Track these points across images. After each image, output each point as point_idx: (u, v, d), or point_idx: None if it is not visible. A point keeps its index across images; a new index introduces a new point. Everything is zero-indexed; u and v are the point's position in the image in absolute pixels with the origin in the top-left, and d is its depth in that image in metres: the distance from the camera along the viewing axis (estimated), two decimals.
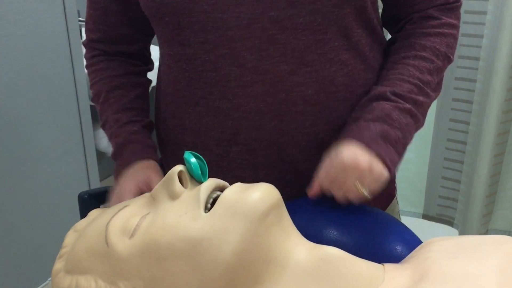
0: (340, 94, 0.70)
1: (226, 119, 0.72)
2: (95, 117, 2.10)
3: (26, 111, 1.55)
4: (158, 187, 0.54)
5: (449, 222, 2.02)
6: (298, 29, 0.66)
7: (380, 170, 0.64)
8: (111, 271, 0.51)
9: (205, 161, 0.54)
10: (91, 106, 1.87)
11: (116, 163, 0.80)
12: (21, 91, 1.52)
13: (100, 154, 2.34)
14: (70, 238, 0.57)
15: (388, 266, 0.51)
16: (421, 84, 0.70)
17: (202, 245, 0.47)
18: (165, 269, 0.48)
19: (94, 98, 0.86)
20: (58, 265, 0.56)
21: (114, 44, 0.85)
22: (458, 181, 1.93)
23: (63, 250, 0.57)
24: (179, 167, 0.53)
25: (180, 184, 0.52)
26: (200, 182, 0.53)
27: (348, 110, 0.71)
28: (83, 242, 0.54)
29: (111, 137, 0.82)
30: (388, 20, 0.79)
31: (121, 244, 0.51)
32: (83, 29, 2.32)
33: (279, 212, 0.50)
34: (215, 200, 0.51)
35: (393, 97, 0.68)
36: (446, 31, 0.73)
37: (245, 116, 0.71)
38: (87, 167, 1.83)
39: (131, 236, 0.51)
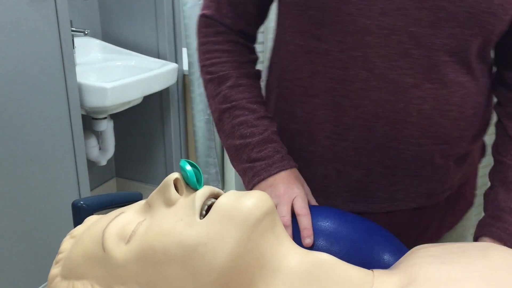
0: (452, 113, 0.74)
1: (343, 115, 0.75)
2: (86, 126, 2.11)
3: (17, 119, 1.55)
4: (154, 194, 0.55)
5: None
6: (432, 49, 0.70)
7: None
8: (108, 276, 0.52)
9: (200, 169, 0.56)
10: (82, 115, 1.88)
11: (250, 153, 0.78)
12: (13, 99, 1.52)
13: (90, 163, 2.34)
14: (66, 244, 0.58)
15: (378, 272, 0.53)
16: None
17: (197, 251, 0.48)
18: (161, 274, 0.49)
19: (216, 78, 0.83)
20: (55, 270, 0.56)
21: (239, 21, 0.85)
22: None
23: (59, 256, 0.57)
24: (174, 175, 0.54)
25: (175, 191, 0.54)
26: (195, 190, 0.55)
27: (455, 129, 0.76)
28: (80, 248, 0.55)
29: (241, 124, 0.80)
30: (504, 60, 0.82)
31: (118, 249, 0.52)
32: (76, 39, 2.33)
33: (272, 219, 0.52)
34: (210, 207, 0.53)
35: None
36: None
37: (361, 116, 0.74)
38: (77, 176, 1.84)
39: (128, 241, 0.52)
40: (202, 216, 0.52)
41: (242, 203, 0.50)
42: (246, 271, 0.49)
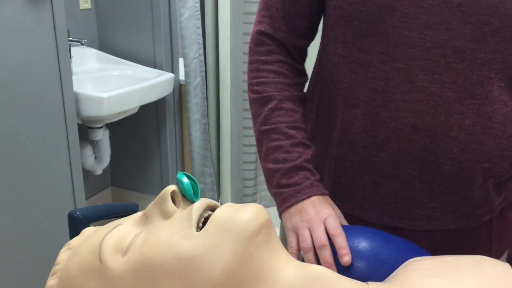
0: (494, 131, 0.74)
1: (381, 126, 0.76)
2: (82, 136, 2.11)
3: (13, 127, 1.55)
4: (151, 206, 0.55)
5: None
6: (476, 64, 0.70)
7: None
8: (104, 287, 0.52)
9: (197, 182, 0.56)
10: (78, 124, 1.88)
11: (280, 179, 0.79)
12: (9, 108, 1.53)
13: (86, 172, 2.34)
14: (63, 255, 0.58)
15: (372, 285, 0.53)
16: None
17: (194, 263, 0.49)
18: (157, 286, 0.49)
19: (260, 99, 0.84)
20: (52, 282, 0.57)
21: (292, 35, 0.85)
22: None
23: (56, 267, 0.57)
24: (171, 187, 0.55)
25: (172, 203, 0.54)
26: (192, 202, 0.55)
27: (497, 148, 0.75)
28: (77, 259, 0.55)
29: (276, 148, 0.80)
30: None
31: (114, 261, 0.52)
32: (73, 48, 2.33)
33: (268, 232, 0.52)
34: (206, 219, 0.53)
35: None
36: None
37: (400, 128, 0.74)
38: (73, 185, 1.83)
39: (124, 253, 0.52)
40: (199, 228, 0.52)
41: (238, 216, 0.51)
42: (242, 284, 0.50)
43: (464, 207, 0.79)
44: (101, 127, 2.27)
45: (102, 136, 2.31)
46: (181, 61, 2.48)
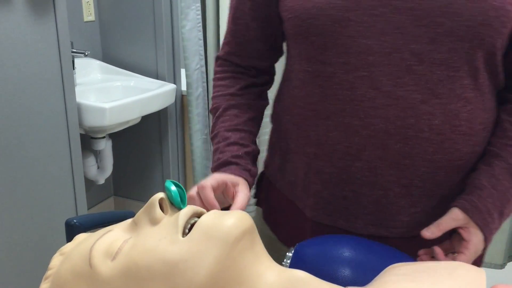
0: (462, 128, 0.76)
1: (354, 135, 0.77)
2: (85, 145, 2.14)
3: (17, 137, 1.58)
4: (140, 213, 0.57)
5: None
6: (435, 64, 0.72)
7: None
8: None
9: (184, 189, 0.58)
10: (81, 134, 1.91)
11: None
12: (13, 118, 1.55)
13: (88, 182, 2.36)
14: (56, 260, 0.61)
15: None
16: None
17: (179, 267, 0.50)
18: None
19: (212, 110, 0.95)
20: (44, 286, 0.59)
21: (248, 58, 0.94)
22: None
23: (49, 272, 0.59)
24: (160, 195, 0.57)
25: (160, 210, 0.56)
26: (180, 209, 0.57)
27: (466, 145, 0.77)
28: (68, 265, 0.57)
29: (215, 151, 0.88)
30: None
31: (104, 266, 0.54)
32: (76, 59, 2.37)
33: (252, 238, 0.54)
34: (193, 225, 0.55)
35: None
36: None
37: (373, 135, 0.76)
38: (75, 195, 1.85)
39: (113, 258, 0.54)
40: (185, 234, 0.54)
41: (222, 222, 0.52)
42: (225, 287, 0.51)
43: (443, 207, 0.80)
44: (104, 137, 2.30)
45: (105, 146, 2.34)
46: (183, 72, 2.51)
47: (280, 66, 0.96)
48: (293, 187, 0.90)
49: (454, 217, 0.75)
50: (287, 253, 0.71)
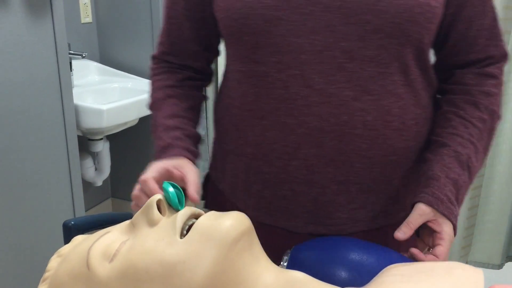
0: (394, 124, 0.77)
1: (289, 134, 0.77)
2: (82, 147, 2.13)
3: (14, 139, 1.57)
4: (137, 215, 0.57)
5: None
6: (365, 61, 0.73)
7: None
8: None
9: (182, 191, 0.58)
10: (79, 136, 1.90)
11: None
12: (10, 120, 1.55)
13: (86, 184, 2.36)
14: (53, 262, 0.60)
15: None
16: (480, 150, 0.80)
17: (177, 269, 0.50)
18: None
19: (150, 105, 0.92)
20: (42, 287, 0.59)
21: (182, 58, 0.93)
22: None
23: (46, 274, 0.59)
24: (157, 196, 0.57)
25: (158, 212, 0.56)
26: (177, 210, 0.57)
27: (399, 140, 0.78)
28: (66, 266, 0.57)
29: (155, 140, 0.87)
30: (439, 65, 0.86)
31: (101, 268, 0.54)
32: (74, 61, 2.36)
33: (250, 239, 0.54)
34: (190, 226, 0.55)
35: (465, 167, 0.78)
36: (499, 91, 0.82)
37: (308, 133, 0.76)
38: (72, 197, 1.85)
39: (111, 260, 0.54)
40: (183, 235, 0.54)
41: (220, 223, 0.52)
42: None
43: (380, 203, 0.81)
44: (101, 138, 2.30)
45: (102, 148, 2.34)
46: None
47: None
48: (235, 188, 0.90)
49: (420, 213, 0.75)
50: (284, 256, 0.71)
